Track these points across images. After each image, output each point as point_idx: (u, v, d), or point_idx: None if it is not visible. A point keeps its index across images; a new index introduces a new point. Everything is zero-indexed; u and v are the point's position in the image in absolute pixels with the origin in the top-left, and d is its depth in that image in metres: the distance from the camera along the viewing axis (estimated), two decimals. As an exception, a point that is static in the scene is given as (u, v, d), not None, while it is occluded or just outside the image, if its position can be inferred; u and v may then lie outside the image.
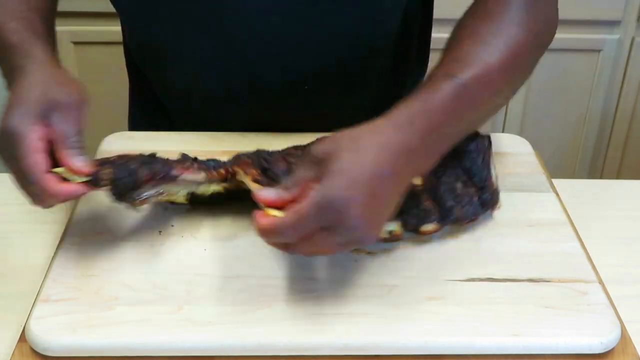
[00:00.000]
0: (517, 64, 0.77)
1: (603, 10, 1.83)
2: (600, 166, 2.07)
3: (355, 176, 0.63)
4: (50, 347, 0.66)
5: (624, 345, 0.69)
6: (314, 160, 0.66)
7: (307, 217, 0.63)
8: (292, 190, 0.66)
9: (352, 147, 0.65)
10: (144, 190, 0.75)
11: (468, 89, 0.71)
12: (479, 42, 0.75)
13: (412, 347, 0.68)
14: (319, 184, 0.64)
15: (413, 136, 0.67)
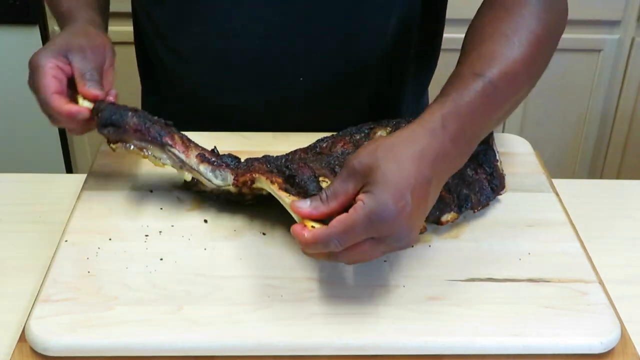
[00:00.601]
0: (538, 58, 0.78)
1: (603, 10, 1.83)
2: (600, 166, 2.07)
3: (402, 187, 0.64)
4: (50, 347, 0.66)
5: (624, 345, 0.69)
6: (352, 173, 0.66)
7: (356, 229, 0.63)
8: (331, 203, 0.67)
9: (392, 157, 0.66)
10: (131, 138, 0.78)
11: (496, 87, 0.72)
12: (502, 39, 0.76)
13: (412, 347, 0.68)
14: (367, 196, 0.64)
15: (447, 140, 0.68)
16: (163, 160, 0.79)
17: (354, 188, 0.66)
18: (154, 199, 0.85)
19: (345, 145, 0.83)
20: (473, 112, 0.71)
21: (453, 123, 0.69)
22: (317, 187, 0.72)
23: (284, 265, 0.76)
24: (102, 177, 0.89)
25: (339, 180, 0.67)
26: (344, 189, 0.66)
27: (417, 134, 0.68)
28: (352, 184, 0.66)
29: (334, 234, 0.64)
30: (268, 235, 0.80)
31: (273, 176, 0.75)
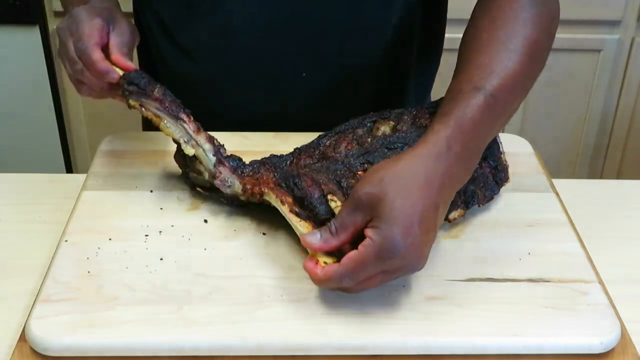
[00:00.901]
0: (535, 62, 0.79)
1: (603, 10, 1.83)
2: (600, 166, 2.07)
3: (410, 219, 0.65)
4: (50, 347, 0.66)
5: (624, 345, 0.69)
6: (359, 205, 0.67)
7: (367, 266, 0.65)
8: (341, 236, 0.68)
9: (398, 187, 0.66)
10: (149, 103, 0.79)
11: (496, 99, 0.73)
12: (500, 47, 0.76)
13: (412, 347, 0.68)
14: (375, 232, 0.65)
15: (452, 161, 0.69)
16: (172, 130, 0.80)
17: (362, 220, 0.67)
18: (154, 199, 0.85)
19: (348, 145, 0.83)
20: (476, 128, 0.71)
21: (458, 143, 0.70)
22: (326, 209, 0.73)
23: (284, 265, 0.76)
24: (102, 177, 0.89)
25: (347, 212, 0.68)
26: (351, 221, 0.67)
27: (423, 160, 0.69)
28: (359, 216, 0.67)
29: (346, 272, 0.65)
30: (268, 235, 0.80)
31: (283, 195, 0.75)
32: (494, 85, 0.73)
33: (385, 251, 0.64)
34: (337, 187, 0.75)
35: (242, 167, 0.82)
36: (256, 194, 0.78)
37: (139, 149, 0.94)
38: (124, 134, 0.98)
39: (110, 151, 0.94)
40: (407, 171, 0.68)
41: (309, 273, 0.68)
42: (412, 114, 0.87)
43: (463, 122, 0.71)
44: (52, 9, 1.85)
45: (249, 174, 0.81)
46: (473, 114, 0.71)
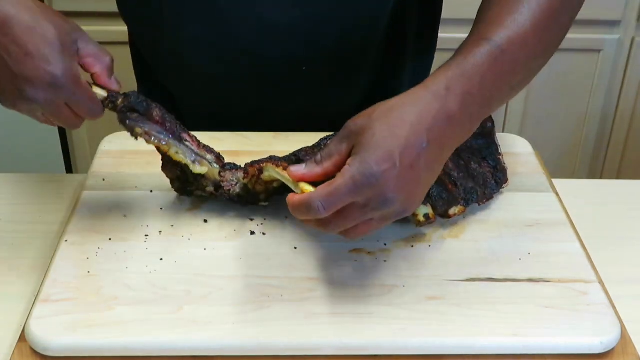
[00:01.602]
0: (550, 25, 0.75)
1: (603, 10, 1.83)
2: (600, 166, 2.07)
3: (390, 149, 0.62)
4: (50, 347, 0.66)
5: (624, 345, 0.69)
6: (347, 134, 0.65)
7: (341, 191, 0.62)
8: (325, 164, 0.66)
9: (386, 119, 0.64)
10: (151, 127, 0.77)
11: (504, 52, 0.69)
12: (511, 4, 0.73)
13: (412, 347, 0.68)
14: (352, 158, 0.63)
15: (450, 102, 0.66)
16: (182, 155, 0.79)
17: (347, 148, 0.65)
18: (154, 199, 0.85)
19: None
20: (481, 76, 0.68)
21: (458, 86, 0.67)
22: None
23: (284, 265, 0.76)
24: (102, 177, 0.89)
25: (334, 141, 0.66)
26: (337, 150, 0.66)
27: (418, 97, 0.66)
28: (345, 145, 0.65)
29: (317, 196, 0.63)
30: (268, 235, 0.80)
31: (280, 162, 0.75)
32: (502, 37, 0.70)
33: (359, 175, 0.62)
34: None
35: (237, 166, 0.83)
36: (255, 170, 0.77)
37: (139, 149, 0.94)
38: (124, 134, 0.97)
39: (110, 151, 0.94)
40: (398, 107, 0.65)
41: (288, 202, 0.65)
42: None
43: (465, 68, 0.68)
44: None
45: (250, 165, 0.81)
46: (476, 61, 0.68)
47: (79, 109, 0.72)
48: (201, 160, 0.80)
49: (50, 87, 0.68)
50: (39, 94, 0.69)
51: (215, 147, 0.93)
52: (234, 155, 0.85)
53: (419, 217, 0.76)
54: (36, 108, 0.71)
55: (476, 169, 0.84)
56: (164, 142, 0.78)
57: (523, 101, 1.94)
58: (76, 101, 0.71)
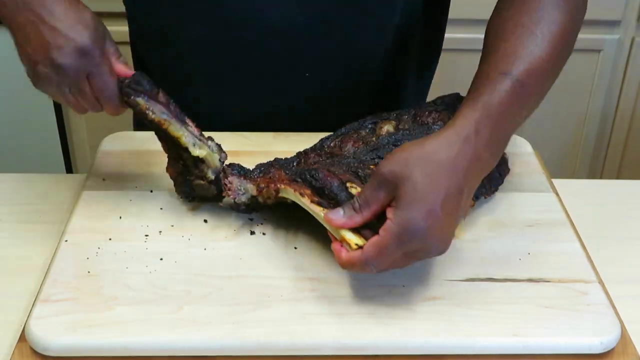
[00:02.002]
0: (563, 48, 0.78)
1: (603, 10, 1.83)
2: (600, 166, 2.06)
3: (432, 202, 0.65)
4: (50, 347, 0.66)
5: (624, 345, 0.69)
6: (383, 182, 0.67)
7: (389, 250, 0.65)
8: (364, 213, 0.68)
9: (423, 168, 0.66)
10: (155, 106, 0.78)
11: (523, 85, 0.72)
12: (525, 33, 0.75)
13: (412, 347, 0.68)
14: (396, 213, 0.65)
15: (480, 145, 0.68)
16: (181, 132, 0.79)
17: (385, 197, 0.67)
18: (154, 199, 0.85)
19: (355, 143, 0.83)
20: (504, 114, 0.71)
21: (486, 127, 0.69)
22: (347, 195, 0.72)
23: (284, 265, 0.76)
24: (102, 177, 0.89)
25: (371, 189, 0.68)
26: (375, 198, 0.67)
27: (451, 142, 0.68)
28: (383, 193, 0.67)
29: (369, 258, 0.66)
30: (268, 235, 0.80)
31: (301, 187, 0.75)
32: (521, 71, 0.72)
33: (406, 234, 0.64)
34: (354, 176, 0.75)
35: (249, 172, 0.82)
36: (272, 190, 0.77)
37: (139, 149, 0.94)
38: (124, 134, 0.98)
39: (110, 151, 0.94)
40: (433, 153, 0.67)
41: (336, 255, 0.69)
42: (412, 114, 0.87)
43: (491, 107, 0.70)
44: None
45: (258, 176, 0.81)
46: (501, 98, 0.70)
47: (101, 82, 0.76)
48: (201, 144, 0.80)
49: (79, 53, 0.73)
50: (67, 59, 0.73)
51: (215, 147, 0.93)
52: (234, 155, 0.85)
53: None
54: (62, 81, 0.75)
55: None
56: (165, 117, 0.78)
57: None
58: (99, 73, 0.75)
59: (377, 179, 0.67)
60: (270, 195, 0.78)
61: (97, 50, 0.75)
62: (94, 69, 0.75)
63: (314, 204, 0.73)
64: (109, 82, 0.76)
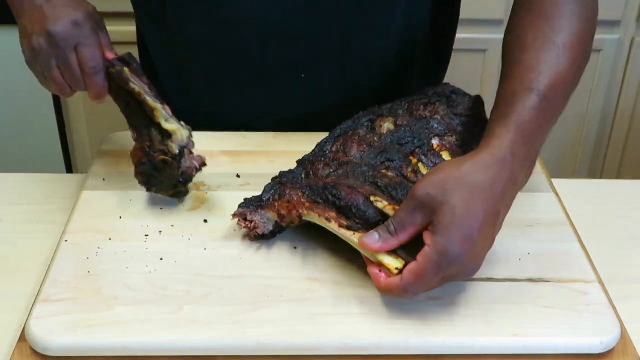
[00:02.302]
0: (583, 58, 0.78)
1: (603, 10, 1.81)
2: (600, 166, 2.06)
3: (470, 228, 0.65)
4: (50, 347, 0.66)
5: (624, 345, 0.69)
6: (419, 205, 0.67)
7: (427, 276, 0.65)
8: (401, 236, 0.68)
9: (460, 192, 0.66)
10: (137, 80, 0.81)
11: (549, 100, 0.72)
12: (547, 44, 0.75)
13: (412, 347, 0.68)
14: (434, 239, 0.65)
15: (516, 167, 0.69)
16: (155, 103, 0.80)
17: (421, 221, 0.67)
18: (154, 199, 0.85)
19: (359, 147, 0.82)
20: (535, 132, 0.71)
21: (521, 149, 0.69)
22: (374, 211, 0.72)
23: (284, 265, 0.76)
24: (102, 177, 0.89)
25: (407, 211, 0.67)
26: (411, 221, 0.67)
27: (487, 164, 0.68)
28: (419, 217, 0.67)
29: (407, 285, 0.66)
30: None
31: (325, 211, 0.74)
32: (546, 85, 0.72)
33: (445, 260, 0.64)
34: (375, 188, 0.75)
35: (262, 200, 0.78)
36: (295, 217, 0.76)
37: (139, 149, 0.94)
38: (124, 134, 0.98)
39: (110, 151, 0.94)
40: (471, 176, 0.67)
41: (373, 280, 0.68)
42: (405, 107, 0.87)
43: (524, 126, 0.70)
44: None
45: (274, 199, 0.78)
46: (531, 117, 0.71)
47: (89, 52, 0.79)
48: (172, 121, 0.81)
49: (72, 24, 0.78)
50: (59, 28, 0.78)
51: (215, 147, 0.94)
52: (234, 155, 0.85)
53: None
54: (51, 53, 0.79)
55: None
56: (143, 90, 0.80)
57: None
58: (88, 44, 0.79)
59: (413, 202, 0.67)
60: (293, 220, 0.76)
61: (88, 24, 0.79)
62: (84, 40, 0.79)
63: (343, 229, 0.72)
64: (96, 55, 0.79)
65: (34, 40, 0.79)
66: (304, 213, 0.75)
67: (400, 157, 0.80)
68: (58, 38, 0.78)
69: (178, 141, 0.81)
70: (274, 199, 0.78)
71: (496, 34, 1.87)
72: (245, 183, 0.88)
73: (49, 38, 0.78)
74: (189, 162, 0.81)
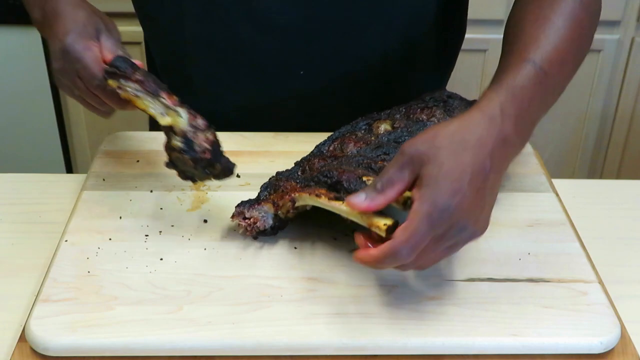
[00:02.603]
0: (582, 41, 0.79)
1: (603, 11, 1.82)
2: (600, 166, 2.07)
3: (459, 180, 0.64)
4: (50, 347, 0.66)
5: (624, 345, 0.69)
6: (407, 161, 0.65)
7: (421, 232, 0.63)
8: (388, 193, 0.66)
9: (449, 147, 0.65)
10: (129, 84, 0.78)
11: (546, 73, 0.72)
12: (546, 24, 0.75)
13: (412, 347, 0.68)
14: (422, 193, 0.64)
15: (506, 125, 0.68)
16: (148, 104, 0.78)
17: (409, 177, 0.65)
18: (154, 199, 0.85)
19: (356, 144, 0.83)
20: (528, 98, 0.70)
21: (511, 109, 0.68)
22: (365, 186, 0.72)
23: (284, 265, 0.76)
24: (102, 177, 0.89)
25: (395, 168, 0.66)
26: (400, 177, 0.66)
27: (476, 121, 0.67)
28: (408, 172, 0.65)
29: (401, 245, 0.63)
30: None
31: (315, 190, 0.74)
32: (543, 58, 0.72)
33: (435, 212, 0.63)
34: (367, 169, 0.75)
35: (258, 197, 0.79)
36: (287, 202, 0.76)
37: (139, 149, 0.94)
38: (124, 134, 0.98)
39: (110, 151, 0.94)
40: (459, 133, 0.66)
41: (364, 259, 0.65)
42: (403, 112, 0.88)
43: (515, 90, 0.70)
44: (52, 9, 1.85)
45: (270, 194, 0.79)
46: (524, 83, 0.70)
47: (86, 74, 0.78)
48: (169, 112, 0.77)
49: (62, 54, 0.78)
50: (57, 64, 0.80)
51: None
52: (234, 155, 0.85)
53: None
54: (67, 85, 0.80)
55: None
56: (136, 94, 0.77)
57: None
58: (83, 67, 0.78)
59: (402, 158, 0.66)
60: (287, 207, 0.76)
61: (78, 46, 0.78)
62: (77, 64, 0.78)
63: (332, 201, 0.72)
64: (94, 72, 0.78)
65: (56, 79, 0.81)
66: (296, 196, 0.75)
67: (397, 152, 0.80)
68: (61, 75, 0.80)
69: (180, 132, 0.77)
70: (270, 194, 0.79)
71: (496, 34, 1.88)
72: (245, 183, 0.88)
73: (57, 75, 0.80)
74: (199, 146, 0.77)
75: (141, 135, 0.99)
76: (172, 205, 0.84)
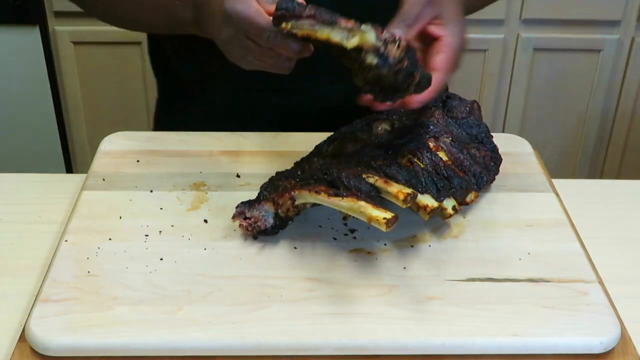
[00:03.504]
0: None
1: (603, 10, 1.83)
2: (600, 166, 2.07)
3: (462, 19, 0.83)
4: (50, 347, 0.66)
5: (624, 345, 0.69)
6: (429, 1, 0.79)
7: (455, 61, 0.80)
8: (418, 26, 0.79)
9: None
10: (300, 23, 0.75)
11: None
12: None
13: (412, 347, 0.68)
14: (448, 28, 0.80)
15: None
16: (330, 33, 0.76)
17: (431, 14, 0.79)
18: (154, 199, 0.85)
19: (356, 144, 0.83)
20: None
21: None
22: (366, 184, 0.73)
23: (284, 265, 0.76)
24: (102, 177, 0.89)
25: (418, 5, 0.79)
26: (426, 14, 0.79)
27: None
28: (431, 10, 0.79)
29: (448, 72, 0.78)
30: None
31: (315, 187, 0.74)
32: None
33: (461, 43, 0.80)
34: (367, 167, 0.75)
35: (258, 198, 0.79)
36: (287, 200, 0.76)
37: (139, 149, 0.94)
38: (124, 134, 0.98)
39: (110, 151, 0.94)
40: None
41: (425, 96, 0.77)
42: (402, 112, 0.88)
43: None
44: (52, 9, 1.85)
45: (270, 194, 0.78)
46: None
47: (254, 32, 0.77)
48: (354, 33, 0.75)
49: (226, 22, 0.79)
50: (223, 34, 0.80)
51: (215, 147, 0.94)
52: (234, 155, 0.86)
53: (447, 210, 0.78)
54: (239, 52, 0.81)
55: (477, 154, 0.85)
56: (311, 28, 0.75)
57: (523, 101, 1.94)
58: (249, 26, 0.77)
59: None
60: (287, 205, 0.76)
61: (238, 6, 0.77)
62: (244, 24, 0.77)
63: (332, 197, 0.72)
64: (263, 25, 0.77)
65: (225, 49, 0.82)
66: (296, 193, 0.76)
67: (397, 152, 0.81)
68: (227, 45, 0.81)
69: (371, 48, 0.74)
70: (270, 193, 0.79)
71: (496, 34, 1.88)
72: (245, 183, 0.88)
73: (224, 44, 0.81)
74: (393, 57, 0.74)
75: (141, 135, 0.99)
76: (172, 205, 0.84)
